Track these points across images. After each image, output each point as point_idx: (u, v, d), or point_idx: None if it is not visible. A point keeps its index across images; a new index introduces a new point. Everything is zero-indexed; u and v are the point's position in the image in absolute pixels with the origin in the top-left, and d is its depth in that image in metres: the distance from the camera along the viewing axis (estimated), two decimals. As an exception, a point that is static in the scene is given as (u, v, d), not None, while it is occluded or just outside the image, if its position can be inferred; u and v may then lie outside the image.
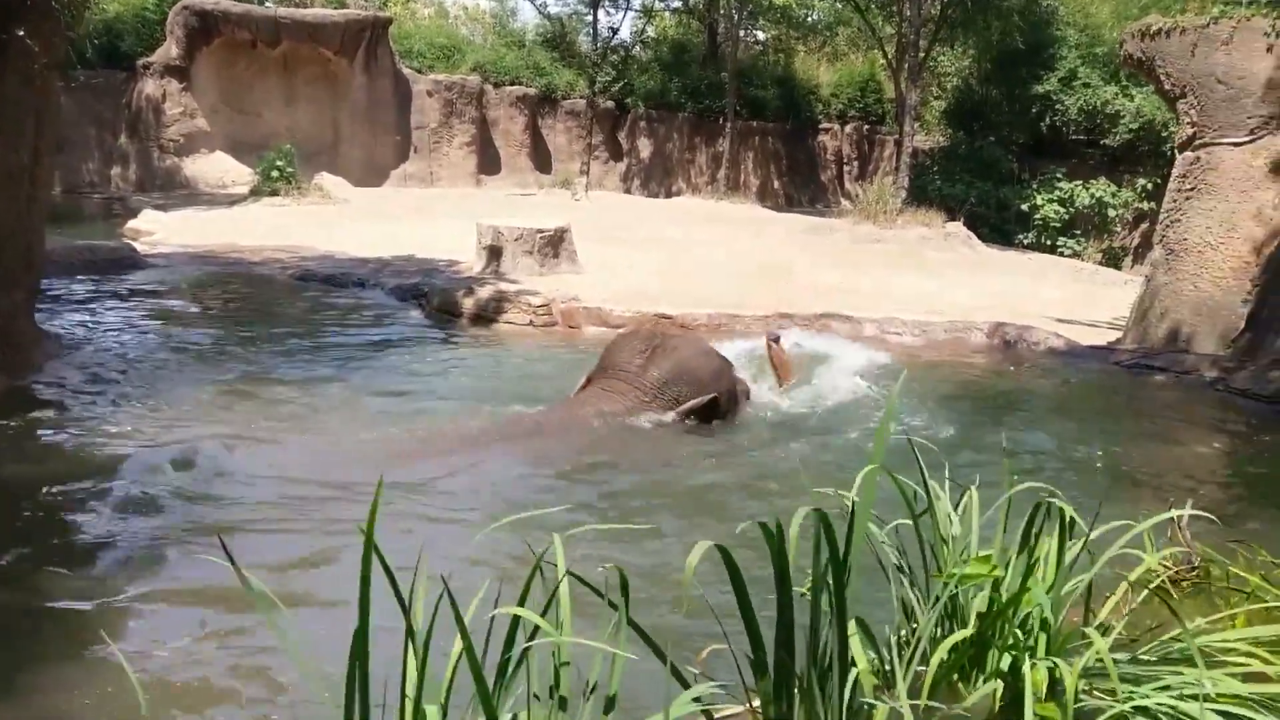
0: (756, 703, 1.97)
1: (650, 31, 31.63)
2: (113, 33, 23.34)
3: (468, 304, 10.24)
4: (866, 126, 29.61)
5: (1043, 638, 2.07)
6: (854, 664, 1.90)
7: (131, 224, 16.66)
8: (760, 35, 32.08)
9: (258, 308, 10.41)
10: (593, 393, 6.47)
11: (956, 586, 2.13)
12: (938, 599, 2.13)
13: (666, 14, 31.91)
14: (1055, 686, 1.96)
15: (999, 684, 1.96)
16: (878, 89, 29.38)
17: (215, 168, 23.62)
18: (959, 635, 2.02)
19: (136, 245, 13.66)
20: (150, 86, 23.06)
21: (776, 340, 7.66)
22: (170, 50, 23.14)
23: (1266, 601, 2.45)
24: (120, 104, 23.34)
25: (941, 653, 1.96)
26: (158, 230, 15.91)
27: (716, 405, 6.46)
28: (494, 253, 12.07)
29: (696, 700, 1.85)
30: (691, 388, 6.41)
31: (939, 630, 2.16)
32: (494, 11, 32.73)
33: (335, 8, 25.64)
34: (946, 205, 22.12)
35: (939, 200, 22.42)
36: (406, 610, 1.78)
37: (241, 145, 23.96)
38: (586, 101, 27.37)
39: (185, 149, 23.43)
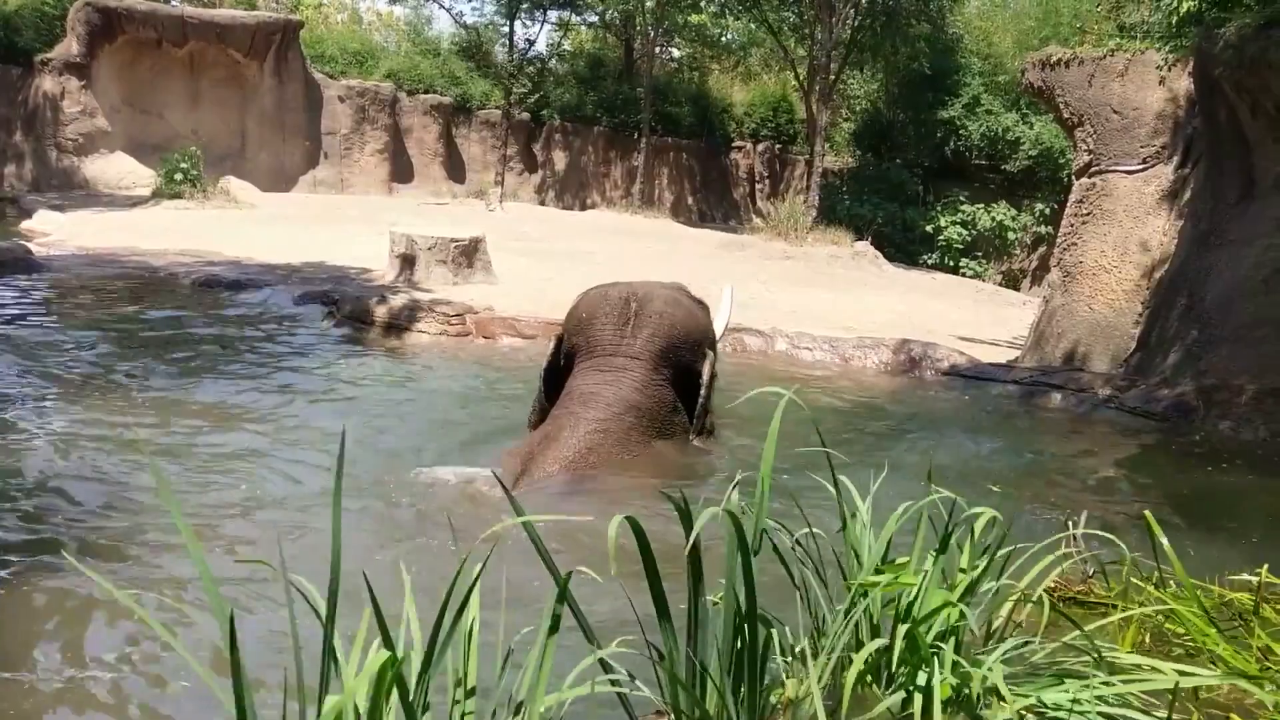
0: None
1: (567, 45, 31.70)
2: (10, 27, 22.52)
3: (380, 312, 10.09)
4: (778, 146, 30.11)
5: (951, 644, 2.14)
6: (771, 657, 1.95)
7: (26, 224, 16.11)
8: (676, 53, 32.44)
9: (160, 313, 10.12)
10: (595, 379, 5.63)
11: (863, 595, 2.20)
12: (848, 609, 2.19)
13: (583, 28, 32.02)
14: (963, 689, 2.03)
15: (903, 692, 2.02)
16: (789, 110, 29.91)
17: (115, 168, 22.92)
18: (873, 645, 2.08)
19: (31, 246, 13.17)
20: (49, 84, 22.30)
21: None
22: (71, 47, 22.42)
23: (1152, 610, 2.57)
24: (16, 101, 22.54)
25: (858, 662, 2.01)
26: (54, 231, 15.39)
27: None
28: (407, 261, 11.95)
29: (614, 683, 1.88)
30: (689, 350, 5.89)
31: (853, 638, 2.22)
32: (409, 19, 32.46)
33: (245, 9, 25.13)
34: (855, 225, 22.65)
35: (848, 220, 22.95)
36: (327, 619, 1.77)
37: (143, 146, 23.31)
38: (502, 112, 27.29)
39: (84, 148, 22.69)
